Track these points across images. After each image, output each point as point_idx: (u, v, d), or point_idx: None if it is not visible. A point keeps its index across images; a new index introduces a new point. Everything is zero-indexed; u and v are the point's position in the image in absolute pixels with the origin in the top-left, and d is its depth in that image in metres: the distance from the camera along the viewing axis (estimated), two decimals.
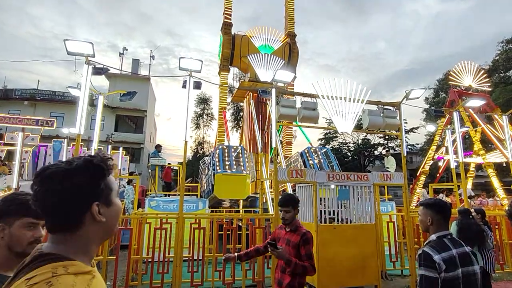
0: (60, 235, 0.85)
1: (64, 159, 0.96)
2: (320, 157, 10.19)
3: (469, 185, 14.84)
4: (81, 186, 0.85)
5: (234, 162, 9.19)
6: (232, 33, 13.50)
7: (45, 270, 0.76)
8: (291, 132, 14.34)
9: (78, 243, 0.85)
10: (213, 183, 8.57)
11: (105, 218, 0.89)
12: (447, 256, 1.93)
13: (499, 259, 6.96)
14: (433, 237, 2.09)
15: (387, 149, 30.79)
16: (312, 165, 9.71)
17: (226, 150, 9.51)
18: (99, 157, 0.90)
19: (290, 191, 8.71)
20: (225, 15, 13.66)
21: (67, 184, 0.83)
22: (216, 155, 9.21)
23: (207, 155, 19.05)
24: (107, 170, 0.90)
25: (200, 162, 14.49)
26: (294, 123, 8.69)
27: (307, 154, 10.25)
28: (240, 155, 9.63)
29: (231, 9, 13.84)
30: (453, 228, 4.27)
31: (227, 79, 13.72)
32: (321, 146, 16.21)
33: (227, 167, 8.92)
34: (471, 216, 4.30)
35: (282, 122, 7.68)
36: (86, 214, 0.86)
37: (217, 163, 8.95)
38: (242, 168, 9.18)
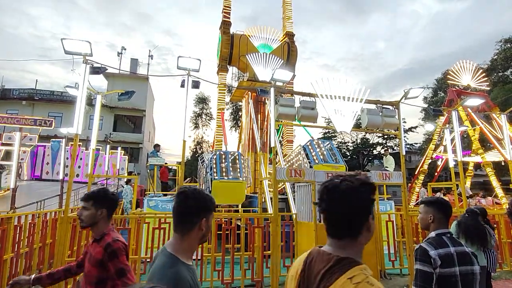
0: (344, 241, 1.01)
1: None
2: (323, 149, 10.08)
3: (468, 184, 14.88)
4: (366, 201, 1.02)
5: (231, 168, 9.26)
6: (231, 32, 13.46)
7: (358, 271, 0.91)
8: (292, 131, 14.29)
9: (356, 249, 1.01)
10: (210, 189, 8.62)
11: (370, 229, 1.03)
12: (444, 253, 1.92)
13: (497, 258, 6.97)
14: (432, 234, 2.09)
15: (386, 148, 30.86)
16: (315, 159, 9.57)
17: (223, 156, 9.57)
18: (366, 177, 1.06)
19: (289, 190, 8.72)
20: (224, 14, 13.62)
21: (353, 198, 1.00)
22: (214, 161, 9.27)
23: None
24: (375, 189, 1.07)
25: (199, 159, 14.47)
26: (293, 122, 8.67)
27: (310, 147, 10.14)
28: (237, 160, 9.67)
29: (230, 8, 13.80)
30: (453, 227, 4.25)
31: (226, 79, 13.67)
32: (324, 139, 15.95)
33: (224, 173, 8.99)
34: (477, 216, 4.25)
35: (281, 121, 7.67)
36: (364, 225, 1.01)
37: (214, 169, 9.02)
38: (239, 174, 9.25)
